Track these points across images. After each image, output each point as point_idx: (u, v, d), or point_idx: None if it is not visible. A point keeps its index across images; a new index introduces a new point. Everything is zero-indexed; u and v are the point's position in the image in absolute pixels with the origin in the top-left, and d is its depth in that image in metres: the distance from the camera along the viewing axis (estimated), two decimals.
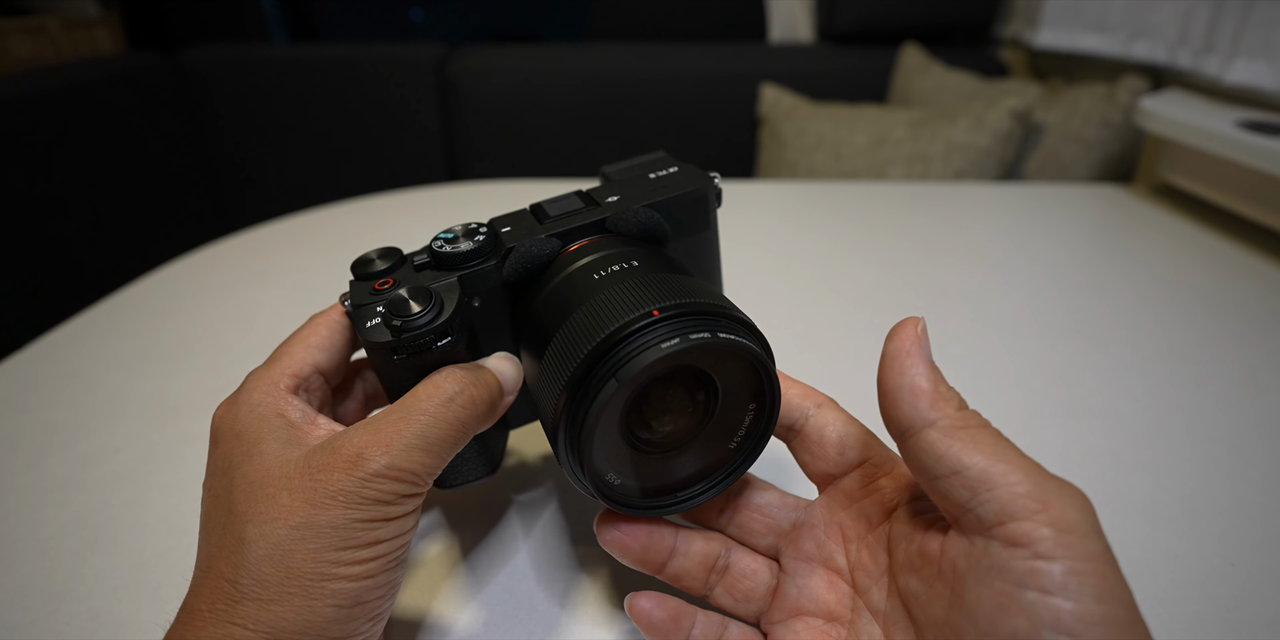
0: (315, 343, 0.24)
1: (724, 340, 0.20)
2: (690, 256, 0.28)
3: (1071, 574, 0.16)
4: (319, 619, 0.19)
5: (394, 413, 0.21)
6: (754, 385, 0.22)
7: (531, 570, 0.29)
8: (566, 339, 0.21)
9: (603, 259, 0.24)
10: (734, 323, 0.21)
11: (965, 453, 0.18)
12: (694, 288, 0.22)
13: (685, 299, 0.21)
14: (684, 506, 0.23)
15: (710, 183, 0.27)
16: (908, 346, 0.20)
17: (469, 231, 0.25)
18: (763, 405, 0.23)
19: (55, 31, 1.55)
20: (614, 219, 0.26)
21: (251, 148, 1.52)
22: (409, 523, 0.21)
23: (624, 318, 0.20)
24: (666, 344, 0.20)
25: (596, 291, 0.22)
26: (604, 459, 0.22)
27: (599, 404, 0.20)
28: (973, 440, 0.18)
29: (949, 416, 0.19)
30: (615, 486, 0.22)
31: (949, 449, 0.18)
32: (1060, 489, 0.17)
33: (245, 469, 0.21)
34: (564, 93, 1.37)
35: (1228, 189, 0.65)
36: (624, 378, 0.19)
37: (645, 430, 0.22)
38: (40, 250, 1.19)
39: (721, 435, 0.23)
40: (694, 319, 0.21)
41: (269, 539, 0.19)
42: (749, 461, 0.24)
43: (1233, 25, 0.78)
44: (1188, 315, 0.49)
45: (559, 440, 0.21)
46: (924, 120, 1.05)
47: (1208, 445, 0.36)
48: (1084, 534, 0.17)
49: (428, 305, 0.23)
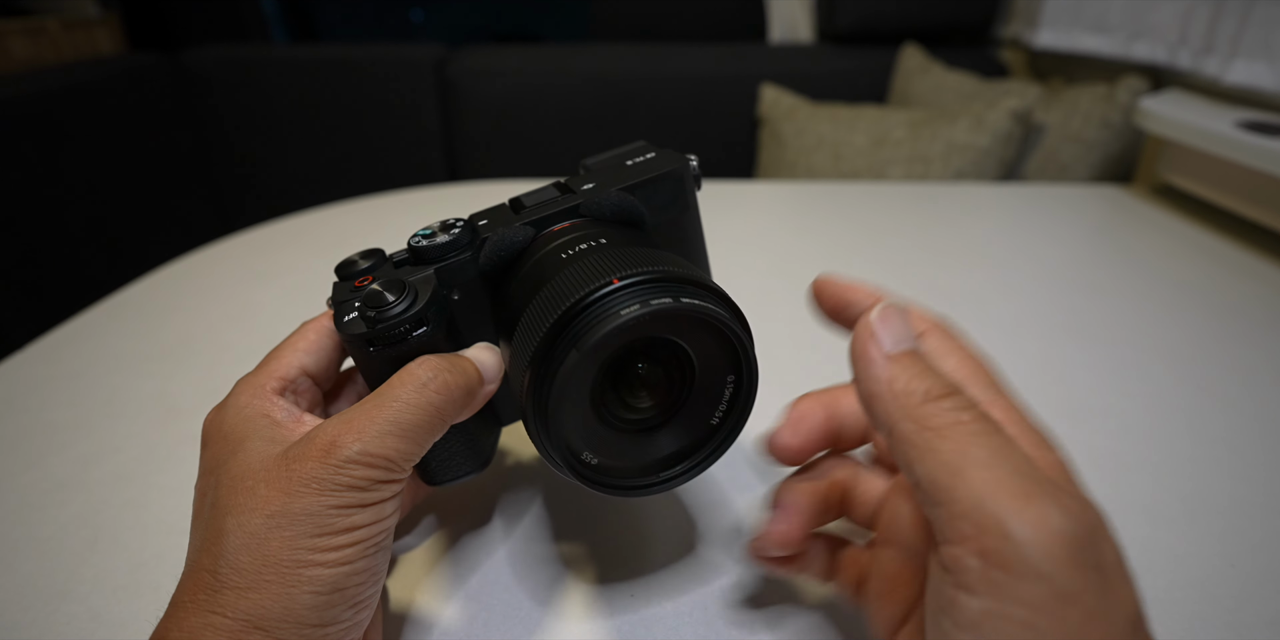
0: (303, 347, 0.25)
1: (687, 305, 0.20)
2: (673, 241, 0.28)
3: (987, 616, 0.14)
4: (297, 606, 0.19)
5: (368, 401, 0.21)
6: (730, 356, 0.22)
7: (517, 567, 0.29)
8: (531, 317, 0.21)
9: (573, 240, 0.24)
10: (700, 289, 0.21)
11: (917, 461, 0.16)
12: (659, 258, 0.22)
13: (647, 267, 0.21)
14: (667, 486, 0.23)
15: (686, 164, 0.27)
16: (860, 348, 0.19)
17: (446, 226, 0.25)
18: (741, 378, 0.22)
19: (55, 32, 1.55)
20: (588, 204, 0.26)
21: (251, 148, 1.52)
22: (387, 509, 0.21)
23: (584, 289, 0.20)
24: (626, 311, 0.19)
25: (562, 269, 0.22)
26: (579, 437, 0.21)
27: (562, 375, 0.20)
28: (928, 446, 0.16)
29: (911, 416, 0.17)
30: (593, 466, 0.22)
31: (904, 457, 0.17)
32: (1026, 512, 0.14)
33: (229, 466, 0.21)
34: (564, 93, 1.37)
35: (1228, 189, 0.65)
36: (584, 347, 0.19)
37: (622, 408, 0.22)
38: (40, 250, 1.19)
39: (702, 411, 0.23)
40: (655, 285, 0.20)
41: (246, 528, 0.19)
42: (732, 438, 0.23)
43: (1233, 25, 0.78)
44: (1188, 315, 0.49)
45: (528, 418, 0.21)
46: (924, 121, 1.05)
47: (1208, 445, 0.36)
48: (1024, 573, 0.14)
49: (401, 295, 0.23)
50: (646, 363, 0.22)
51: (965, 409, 0.17)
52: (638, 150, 0.29)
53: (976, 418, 0.17)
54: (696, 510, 0.32)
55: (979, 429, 0.16)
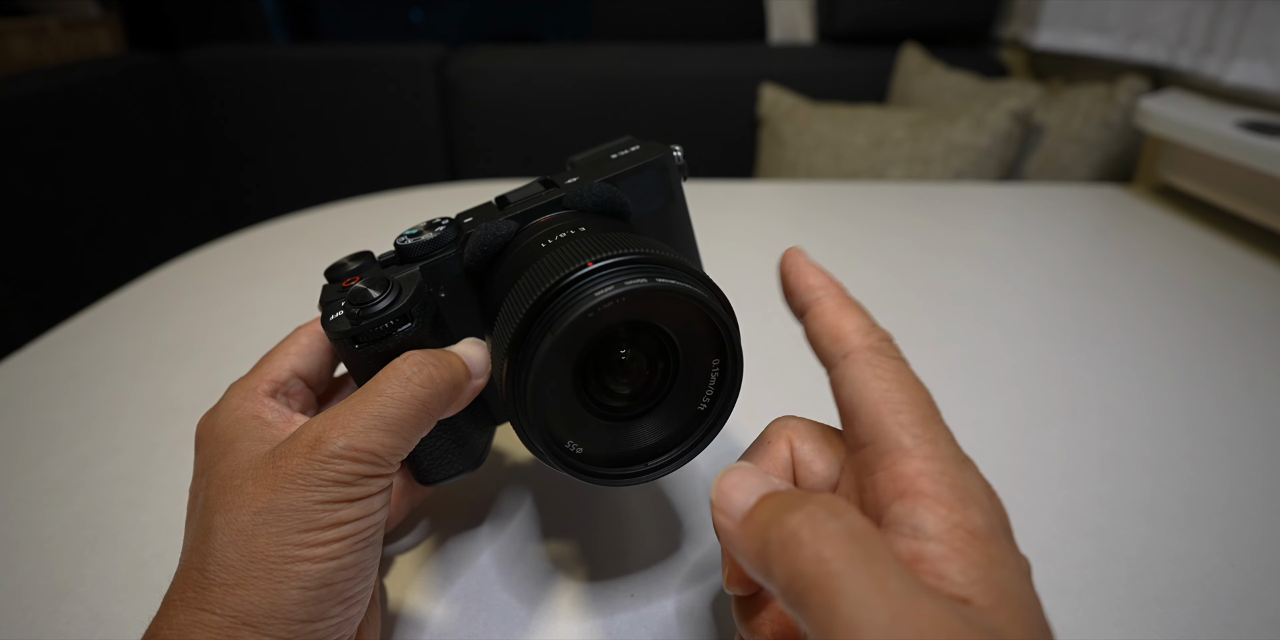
0: (294, 350, 0.25)
1: (662, 285, 0.19)
2: (660, 231, 0.28)
3: None
4: (285, 601, 0.19)
5: (354, 397, 0.21)
6: (714, 339, 0.22)
7: (512, 565, 0.29)
8: (509, 306, 0.21)
9: (553, 230, 0.24)
10: (678, 271, 0.21)
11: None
12: (636, 241, 0.22)
13: (623, 249, 0.20)
14: (655, 475, 0.23)
15: (670, 154, 0.27)
16: (718, 527, 0.17)
17: (431, 225, 0.26)
18: (726, 361, 0.22)
19: (55, 31, 1.55)
20: (570, 196, 0.26)
21: (251, 148, 1.52)
22: (375, 504, 0.21)
23: (558, 274, 0.20)
24: (601, 292, 0.19)
25: (540, 257, 0.22)
26: (563, 426, 0.21)
27: (538, 360, 0.20)
28: (822, 585, 0.14)
29: (790, 568, 0.15)
30: (577, 454, 0.22)
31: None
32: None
33: (219, 467, 0.21)
34: (564, 93, 1.37)
35: (1228, 189, 0.65)
36: (558, 329, 0.19)
37: (606, 395, 0.22)
38: (40, 250, 1.19)
39: (689, 397, 0.23)
40: (631, 266, 0.20)
41: (233, 525, 0.19)
42: (719, 424, 0.23)
43: (1232, 26, 0.78)
44: (1188, 315, 0.49)
45: (508, 406, 0.21)
46: (924, 121, 1.05)
47: (1208, 445, 0.36)
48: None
49: (385, 292, 0.23)
50: (630, 348, 0.22)
51: (825, 539, 0.15)
52: (622, 144, 0.29)
53: (837, 550, 0.14)
54: (691, 509, 0.32)
55: (842, 567, 0.14)
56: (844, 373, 0.19)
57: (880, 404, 0.18)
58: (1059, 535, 0.30)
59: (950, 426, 0.18)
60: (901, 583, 0.14)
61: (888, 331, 0.20)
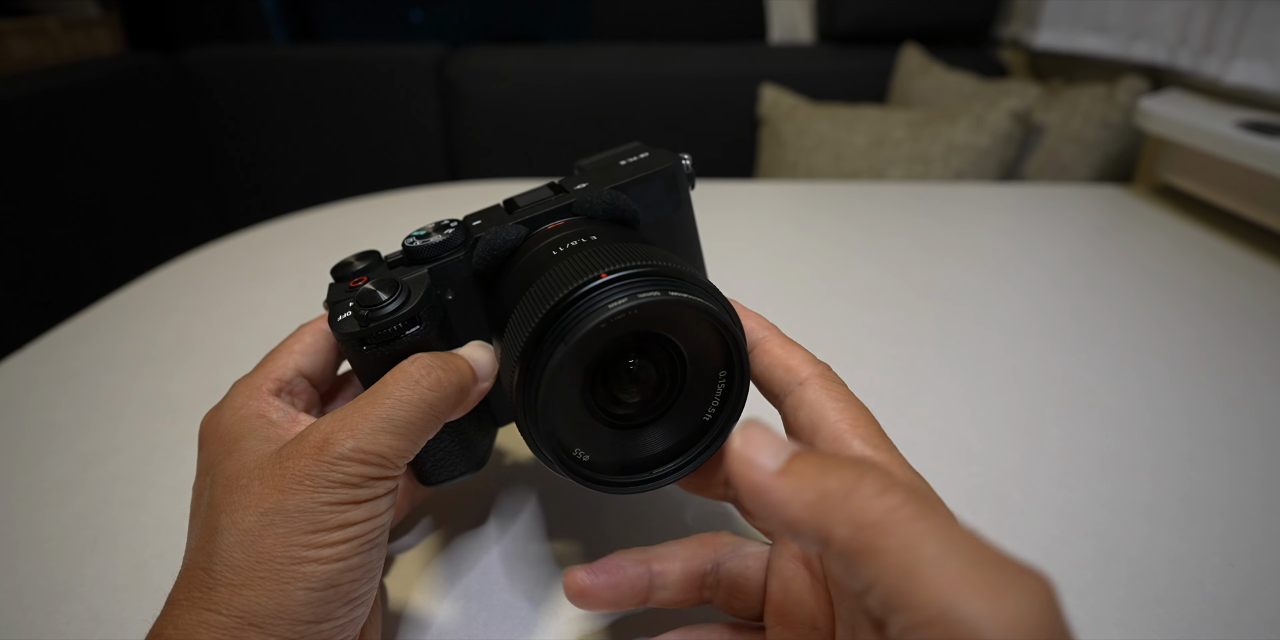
0: (299, 349, 0.25)
1: (674, 298, 0.20)
2: (667, 239, 0.28)
3: None
4: (291, 602, 0.19)
5: (362, 399, 0.21)
6: (722, 352, 0.22)
7: (514, 566, 0.29)
8: (521, 313, 0.21)
9: (564, 237, 0.24)
10: (689, 284, 0.21)
11: (863, 566, 0.14)
12: (648, 252, 0.22)
13: (637, 261, 0.21)
14: (660, 483, 0.23)
15: (679, 162, 0.27)
16: (746, 484, 0.16)
17: (440, 227, 0.26)
18: (733, 372, 0.22)
19: (55, 32, 1.55)
20: (580, 203, 0.26)
21: (251, 148, 1.52)
22: (381, 506, 0.21)
23: (572, 284, 0.20)
24: (614, 304, 0.19)
25: (552, 265, 0.22)
26: (570, 433, 0.21)
27: (550, 369, 0.20)
28: (870, 547, 0.14)
29: (841, 519, 0.15)
30: (584, 462, 0.22)
31: (846, 564, 0.15)
32: (997, 612, 0.13)
33: (224, 465, 0.21)
34: (564, 93, 1.37)
35: (1228, 189, 0.65)
36: (571, 340, 0.19)
37: (614, 403, 0.22)
38: (41, 250, 1.19)
39: (695, 407, 0.23)
40: (644, 279, 0.20)
41: (239, 525, 0.19)
42: (725, 434, 0.23)
43: (1233, 26, 0.78)
44: (1188, 315, 0.49)
45: (518, 414, 0.21)
46: (924, 121, 1.05)
47: (1208, 445, 0.36)
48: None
49: (394, 294, 0.23)
50: (638, 358, 0.22)
51: (889, 490, 0.15)
52: (631, 150, 0.29)
53: (905, 498, 0.14)
54: (693, 510, 0.32)
55: (915, 512, 0.14)
56: (802, 397, 0.21)
57: (839, 422, 0.20)
58: (1059, 535, 0.30)
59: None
60: (964, 529, 0.15)
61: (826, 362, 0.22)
